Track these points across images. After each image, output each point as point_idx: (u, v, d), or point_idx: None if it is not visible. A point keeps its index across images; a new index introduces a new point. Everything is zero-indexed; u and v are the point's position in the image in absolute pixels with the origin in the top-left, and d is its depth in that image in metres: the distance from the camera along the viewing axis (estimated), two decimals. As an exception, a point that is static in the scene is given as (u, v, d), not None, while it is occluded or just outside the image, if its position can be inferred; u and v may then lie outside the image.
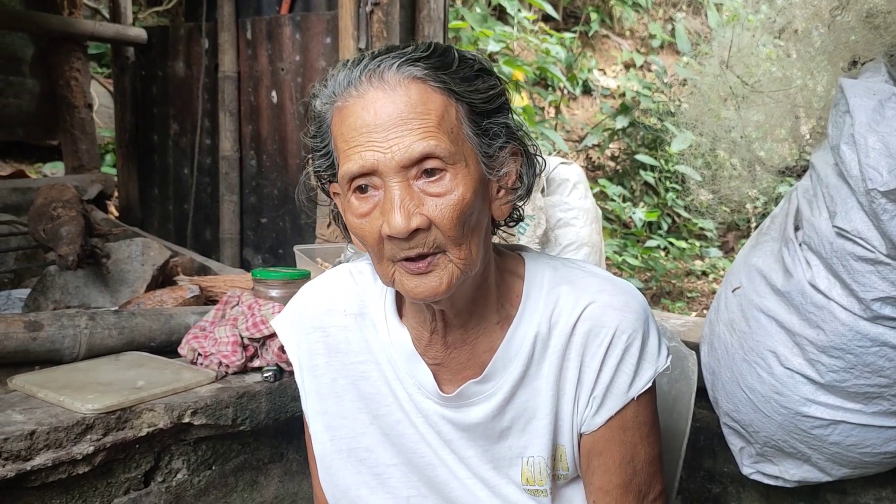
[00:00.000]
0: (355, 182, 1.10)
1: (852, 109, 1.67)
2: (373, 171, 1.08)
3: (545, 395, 1.25)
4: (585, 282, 1.26)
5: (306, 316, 1.35)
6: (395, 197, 1.07)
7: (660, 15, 9.23)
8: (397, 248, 1.09)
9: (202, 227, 4.00)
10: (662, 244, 6.59)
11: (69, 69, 4.39)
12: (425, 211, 1.08)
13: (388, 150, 1.06)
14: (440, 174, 1.09)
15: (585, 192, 2.72)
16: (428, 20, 3.09)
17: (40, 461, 1.61)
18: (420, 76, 1.09)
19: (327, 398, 1.33)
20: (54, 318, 2.00)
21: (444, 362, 1.27)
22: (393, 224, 1.06)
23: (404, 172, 1.07)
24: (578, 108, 8.16)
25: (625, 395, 1.24)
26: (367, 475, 1.32)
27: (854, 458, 1.83)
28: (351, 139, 1.09)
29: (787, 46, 2.35)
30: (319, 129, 1.17)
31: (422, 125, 1.07)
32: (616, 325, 1.22)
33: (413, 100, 1.08)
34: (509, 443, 1.28)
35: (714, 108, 2.51)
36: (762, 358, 1.85)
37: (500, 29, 7.12)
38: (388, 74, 1.09)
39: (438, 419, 1.27)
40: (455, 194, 1.09)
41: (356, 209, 1.12)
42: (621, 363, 1.23)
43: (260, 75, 3.63)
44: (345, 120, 1.10)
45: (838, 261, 1.69)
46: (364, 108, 1.08)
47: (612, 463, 1.27)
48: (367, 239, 1.12)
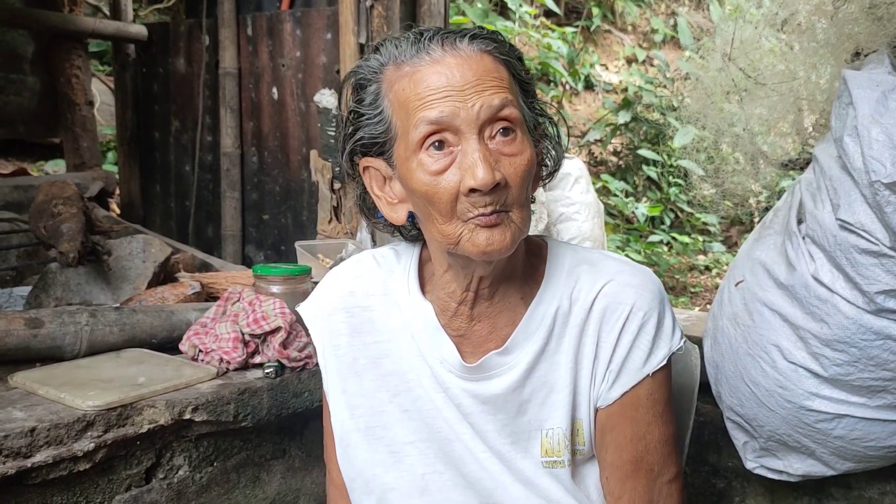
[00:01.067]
0: (431, 137, 1.13)
1: (855, 101, 1.66)
2: (452, 120, 1.11)
3: (564, 369, 1.28)
4: (604, 263, 1.31)
5: (329, 299, 1.39)
6: (477, 151, 1.11)
7: (662, 9, 9.20)
8: (473, 204, 1.12)
9: (204, 223, 4.00)
10: (665, 239, 6.57)
11: (70, 66, 4.39)
12: (502, 169, 1.13)
13: (469, 102, 1.11)
14: (513, 135, 1.15)
15: (587, 186, 2.72)
16: (429, 15, 3.08)
17: (41, 458, 1.61)
18: (489, 49, 1.17)
19: (348, 377, 1.36)
20: (55, 315, 1.99)
21: (466, 334, 1.31)
22: (479, 176, 1.09)
23: (481, 130, 1.13)
24: (580, 104, 8.14)
25: (640, 370, 1.27)
26: (383, 453, 1.34)
27: (858, 451, 1.82)
28: (428, 96, 1.13)
29: (790, 39, 2.34)
30: (370, 98, 1.20)
31: (497, 85, 1.14)
32: (633, 302, 1.26)
33: (488, 67, 1.15)
34: (528, 416, 1.30)
35: (717, 102, 2.50)
36: (766, 352, 1.84)
37: (502, 24, 7.11)
38: (461, 45, 1.16)
39: (459, 392, 1.30)
40: (525, 155, 1.16)
41: (429, 166, 1.14)
42: (637, 339, 1.27)
43: (261, 71, 3.62)
44: (418, 82, 1.14)
45: (842, 254, 1.68)
46: (440, 71, 1.14)
47: (623, 439, 1.29)
48: (440, 195, 1.13)
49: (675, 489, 1.33)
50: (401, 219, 1.25)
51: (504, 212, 1.14)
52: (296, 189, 3.60)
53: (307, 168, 3.46)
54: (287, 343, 2.04)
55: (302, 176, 3.55)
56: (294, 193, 3.61)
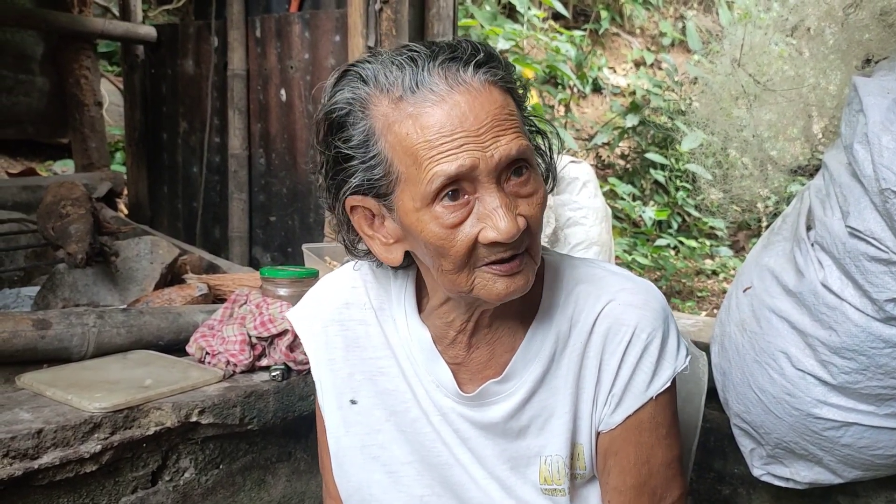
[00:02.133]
0: (447, 188, 1.05)
1: (866, 108, 1.65)
2: (471, 172, 1.04)
3: (564, 394, 1.24)
4: (605, 280, 1.25)
5: (324, 309, 1.34)
6: (499, 201, 1.05)
7: (670, 13, 9.19)
8: (492, 252, 1.07)
9: (211, 225, 4.00)
10: (672, 243, 6.56)
11: (79, 67, 4.40)
12: (522, 212, 1.08)
13: (487, 150, 1.04)
14: (527, 173, 1.09)
15: (595, 190, 2.71)
16: (437, 18, 3.08)
17: (48, 460, 1.61)
18: (495, 80, 1.09)
19: (343, 393, 1.32)
20: (62, 317, 2.00)
21: (464, 362, 1.27)
22: (503, 229, 1.04)
23: (498, 176, 1.06)
24: (588, 107, 8.13)
25: (643, 394, 1.23)
26: (380, 473, 1.31)
27: (866, 460, 1.81)
28: (441, 145, 1.03)
29: (800, 45, 2.33)
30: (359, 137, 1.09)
31: (512, 126, 1.07)
32: (636, 324, 1.21)
33: (499, 102, 1.07)
34: (527, 442, 1.27)
35: (725, 106, 2.49)
36: (773, 359, 1.83)
37: (510, 27, 7.10)
38: (465, 76, 1.06)
39: (456, 417, 1.27)
40: (540, 193, 1.11)
41: (445, 219, 1.06)
42: (640, 362, 1.22)
43: (269, 73, 3.62)
44: (427, 128, 1.04)
45: (851, 261, 1.67)
46: (450, 113, 1.04)
47: (627, 463, 1.26)
48: (455, 250, 1.07)
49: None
50: (396, 260, 1.17)
51: (525, 253, 1.10)
52: (303, 191, 3.61)
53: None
54: (294, 346, 2.04)
55: (309, 178, 3.55)
56: (301, 195, 3.62)
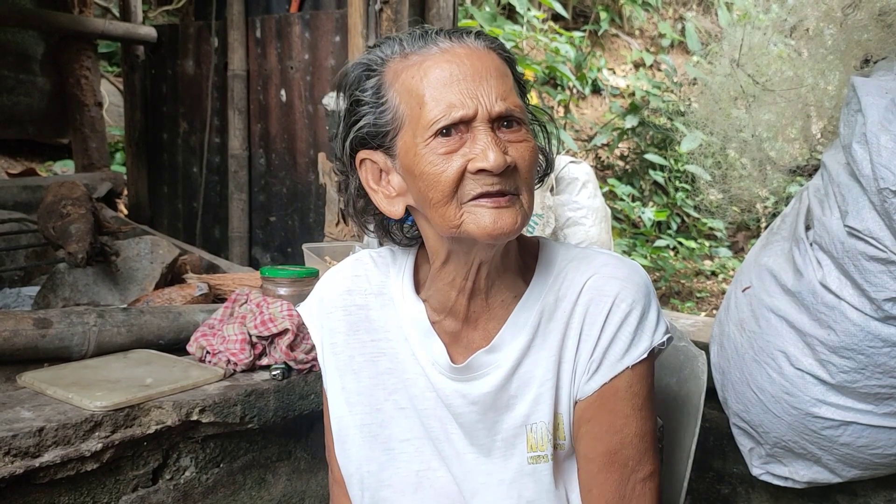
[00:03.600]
0: (442, 124, 1.14)
1: (864, 108, 1.66)
2: (472, 115, 1.14)
3: (547, 363, 1.28)
4: (592, 258, 1.31)
5: (327, 298, 1.40)
6: (489, 137, 1.14)
7: (670, 14, 9.20)
8: (479, 183, 1.14)
9: (211, 225, 4.01)
10: (672, 244, 6.56)
11: (79, 67, 4.41)
12: (511, 153, 1.15)
13: (483, 97, 1.14)
14: (518, 126, 1.18)
15: (594, 191, 2.71)
16: (437, 18, 3.09)
17: (49, 458, 1.62)
18: (493, 47, 1.21)
19: (345, 374, 1.37)
20: (63, 316, 2.00)
21: (458, 334, 1.32)
22: (490, 158, 1.12)
23: (492, 123, 1.15)
24: (588, 108, 8.14)
25: (619, 362, 1.25)
26: (378, 451, 1.36)
27: (865, 459, 1.82)
28: (442, 86, 1.15)
29: (799, 45, 2.33)
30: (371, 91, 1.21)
31: (505, 84, 1.17)
32: (616, 293, 1.25)
33: (496, 62, 1.19)
34: (516, 412, 1.30)
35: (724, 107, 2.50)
36: (772, 358, 1.84)
37: (510, 28, 7.11)
38: (468, 40, 1.20)
39: (451, 392, 1.30)
40: (530, 143, 1.19)
41: (438, 148, 1.14)
42: (619, 331, 1.25)
43: (269, 73, 3.63)
44: (430, 70, 1.16)
45: (850, 260, 1.67)
46: (451, 59, 1.16)
47: (599, 430, 1.27)
48: (444, 175, 1.14)
49: (648, 488, 1.29)
50: (398, 213, 1.25)
51: (515, 194, 1.16)
52: (303, 191, 3.61)
53: (314, 170, 3.47)
54: (294, 345, 2.04)
55: (309, 178, 3.56)
56: (301, 195, 3.62)
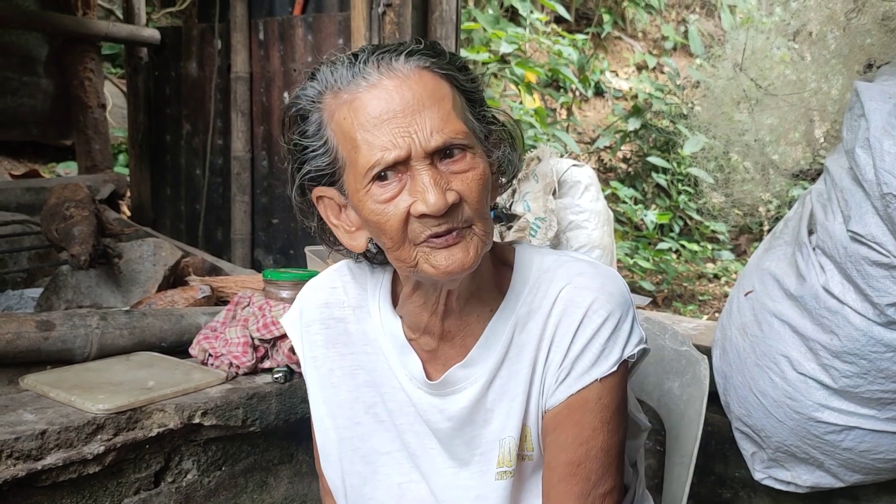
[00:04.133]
0: (377, 170, 1.10)
1: (867, 113, 1.66)
2: (406, 157, 1.09)
3: (521, 378, 1.26)
4: (567, 266, 1.27)
5: (307, 311, 1.39)
6: (427, 178, 1.09)
7: (672, 17, 9.19)
8: (426, 226, 1.10)
9: (214, 227, 4.01)
10: (674, 247, 6.56)
11: (83, 69, 4.41)
12: (455, 187, 1.11)
13: (416, 133, 1.09)
14: (461, 154, 1.12)
15: (597, 194, 2.71)
16: (440, 21, 3.09)
17: (51, 461, 1.62)
18: (427, 65, 1.13)
19: (326, 388, 1.37)
20: (66, 318, 2.00)
21: (435, 351, 1.30)
22: (430, 202, 1.07)
23: (430, 156, 1.10)
24: (590, 110, 8.14)
25: (587, 373, 1.22)
26: (360, 464, 1.36)
27: (867, 464, 1.82)
28: (373, 128, 1.10)
29: (802, 49, 2.34)
30: (313, 128, 1.17)
31: (441, 110, 1.11)
32: (589, 304, 1.22)
33: (429, 87, 1.12)
34: (492, 426, 1.29)
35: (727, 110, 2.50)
36: (775, 363, 1.84)
37: (513, 30, 7.11)
38: (397, 64, 1.12)
39: (429, 408, 1.30)
40: (477, 170, 1.13)
41: (378, 196, 1.11)
42: (590, 342, 1.22)
43: (272, 76, 3.63)
44: (360, 110, 1.11)
45: (852, 265, 1.67)
46: (379, 96, 1.10)
47: (564, 440, 1.25)
48: (389, 224, 1.11)
49: (609, 503, 1.27)
50: (360, 246, 1.22)
51: (466, 227, 1.12)
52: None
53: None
54: (296, 348, 2.04)
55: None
56: (304, 198, 3.62)
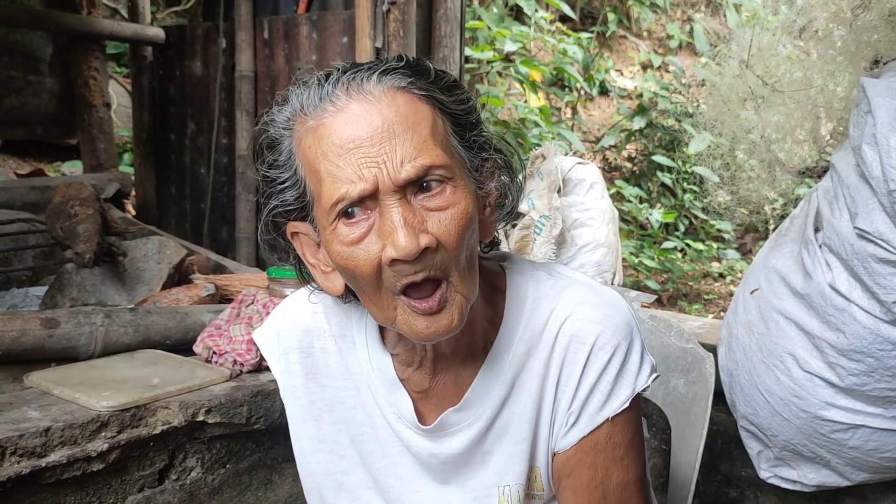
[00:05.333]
0: (341, 205, 0.98)
1: (874, 109, 1.65)
2: (373, 191, 0.97)
3: (524, 419, 1.18)
4: (567, 294, 1.17)
5: (284, 335, 1.26)
6: (397, 216, 0.96)
7: (678, 15, 9.18)
8: (400, 274, 0.98)
9: (218, 225, 4.01)
10: (679, 246, 6.54)
11: (88, 68, 4.41)
12: (430, 228, 0.98)
13: (384, 164, 0.97)
14: (440, 187, 1.00)
15: (602, 192, 2.71)
16: (444, 19, 3.08)
17: (55, 458, 1.62)
18: (404, 85, 1.01)
19: (306, 421, 1.27)
20: (71, 316, 2.01)
21: (429, 390, 1.20)
22: (400, 245, 0.95)
23: (402, 190, 0.97)
24: (595, 109, 8.13)
25: (597, 414, 1.15)
26: (344, 500, 1.27)
27: (874, 462, 1.81)
28: (338, 158, 0.98)
29: (808, 47, 2.33)
30: (283, 157, 1.06)
31: (416, 137, 0.98)
32: (594, 341, 1.13)
33: (402, 110, 0.99)
34: (490, 469, 1.20)
35: (733, 108, 2.49)
36: (781, 361, 1.83)
37: (517, 29, 7.10)
38: (368, 85, 1.00)
39: (420, 449, 1.20)
40: (458, 207, 1.00)
41: (345, 236, 0.99)
42: (598, 381, 1.14)
43: (277, 74, 3.63)
44: (324, 139, 0.99)
45: (859, 263, 1.66)
46: (347, 122, 0.98)
47: (579, 485, 1.18)
48: (360, 269, 0.99)
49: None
50: (338, 289, 1.11)
51: (441, 279, 1.01)
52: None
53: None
54: (300, 346, 2.04)
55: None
56: (309, 196, 3.62)
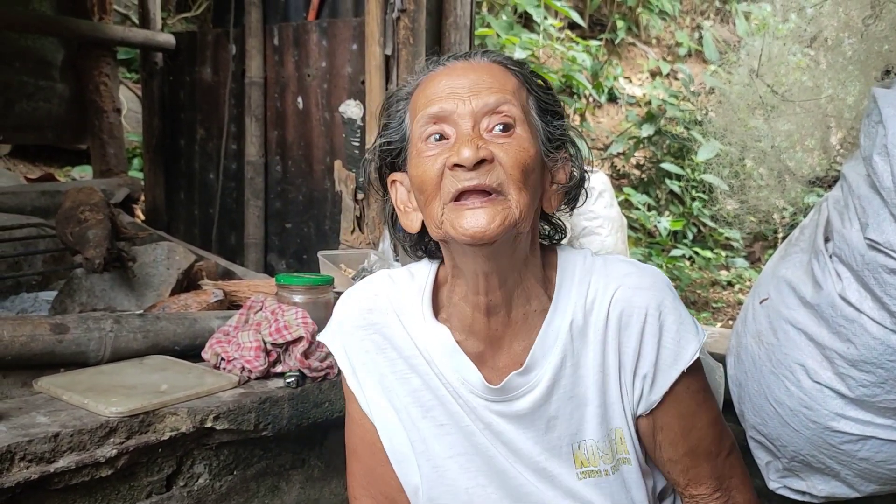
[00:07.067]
0: (431, 129, 1.19)
1: (885, 119, 1.64)
2: (449, 114, 1.18)
3: (590, 382, 1.28)
4: (612, 267, 1.31)
5: (348, 319, 1.38)
6: (466, 132, 1.16)
7: (687, 23, 9.18)
8: (458, 178, 1.14)
9: (227, 231, 4.02)
10: (688, 254, 6.53)
11: (98, 74, 4.43)
12: (492, 149, 1.15)
13: (467, 99, 1.18)
14: (511, 131, 1.18)
15: (611, 200, 2.71)
16: (454, 27, 3.09)
17: (64, 463, 1.62)
18: (501, 60, 1.25)
19: (382, 393, 1.35)
20: (80, 321, 2.01)
21: (484, 354, 1.30)
22: (461, 152, 1.13)
23: (477, 120, 1.18)
24: (604, 116, 8.13)
25: (672, 368, 1.28)
26: (427, 468, 1.34)
27: (883, 474, 1.80)
28: (434, 96, 1.20)
29: (818, 56, 2.32)
30: (396, 112, 1.29)
31: (500, 90, 1.20)
32: (647, 305, 1.27)
33: (495, 74, 1.22)
34: (558, 432, 1.30)
35: (742, 117, 2.48)
36: (790, 371, 1.82)
37: (526, 36, 7.12)
38: (474, 58, 1.25)
39: (486, 412, 1.30)
40: (521, 143, 1.18)
41: (426, 152, 1.19)
42: (661, 339, 1.27)
43: (286, 81, 3.64)
44: (427, 87, 1.23)
45: (870, 273, 1.65)
46: (448, 74, 1.22)
47: (674, 435, 1.32)
48: (426, 175, 1.18)
49: (734, 460, 1.38)
50: (414, 226, 1.28)
51: (497, 193, 1.14)
52: (319, 198, 3.62)
53: (331, 178, 3.47)
54: (309, 353, 2.04)
55: (325, 185, 3.56)
56: (317, 203, 3.63)
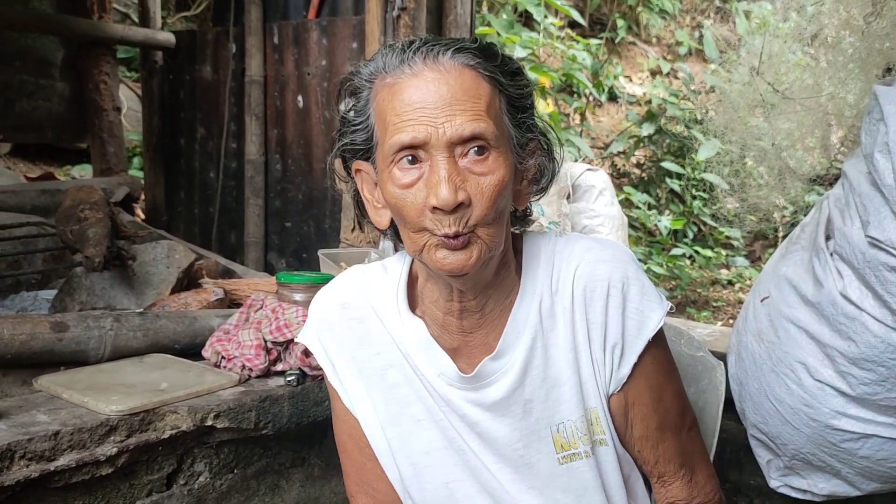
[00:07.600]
0: (402, 153, 1.14)
1: (887, 117, 1.64)
2: (424, 143, 1.13)
3: (563, 362, 1.29)
4: (574, 245, 1.31)
5: (324, 316, 1.38)
6: (443, 170, 1.12)
7: (687, 22, 9.17)
8: (439, 222, 1.13)
9: (227, 230, 4.02)
10: (688, 252, 6.53)
11: (98, 73, 4.43)
12: (468, 188, 1.13)
13: (440, 126, 1.12)
14: (485, 154, 1.15)
15: (611, 198, 2.71)
16: (454, 25, 3.09)
17: (64, 462, 1.62)
18: (472, 64, 1.16)
19: (368, 387, 1.35)
20: (80, 320, 2.01)
21: (459, 348, 1.30)
22: (440, 195, 1.10)
23: (452, 149, 1.13)
24: (604, 115, 8.12)
25: (638, 338, 1.28)
26: (405, 465, 1.35)
27: (884, 472, 1.80)
28: (403, 113, 1.14)
29: (818, 54, 2.32)
30: (361, 104, 1.23)
31: (473, 108, 1.14)
32: (609, 277, 1.27)
33: (466, 84, 1.15)
34: (535, 416, 1.30)
35: (742, 115, 2.48)
36: (791, 369, 1.82)
37: (527, 35, 7.11)
38: (442, 59, 1.15)
39: (463, 403, 1.30)
40: (496, 175, 1.15)
41: (398, 180, 1.16)
42: (625, 311, 1.27)
43: (286, 80, 3.64)
44: (396, 95, 1.16)
45: (871, 271, 1.65)
46: (418, 86, 1.14)
47: (646, 410, 1.32)
48: (407, 210, 1.15)
49: (695, 436, 1.39)
50: (384, 223, 1.27)
51: (470, 233, 1.15)
52: (319, 197, 3.61)
53: (330, 176, 3.47)
54: (309, 351, 2.04)
55: (325, 184, 3.56)
56: (317, 201, 3.63)
